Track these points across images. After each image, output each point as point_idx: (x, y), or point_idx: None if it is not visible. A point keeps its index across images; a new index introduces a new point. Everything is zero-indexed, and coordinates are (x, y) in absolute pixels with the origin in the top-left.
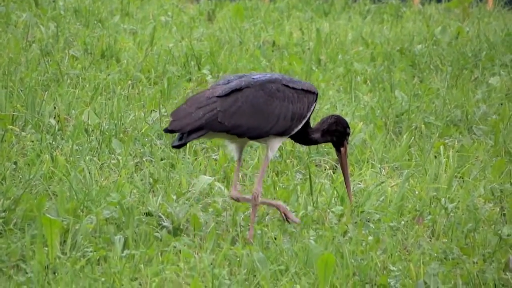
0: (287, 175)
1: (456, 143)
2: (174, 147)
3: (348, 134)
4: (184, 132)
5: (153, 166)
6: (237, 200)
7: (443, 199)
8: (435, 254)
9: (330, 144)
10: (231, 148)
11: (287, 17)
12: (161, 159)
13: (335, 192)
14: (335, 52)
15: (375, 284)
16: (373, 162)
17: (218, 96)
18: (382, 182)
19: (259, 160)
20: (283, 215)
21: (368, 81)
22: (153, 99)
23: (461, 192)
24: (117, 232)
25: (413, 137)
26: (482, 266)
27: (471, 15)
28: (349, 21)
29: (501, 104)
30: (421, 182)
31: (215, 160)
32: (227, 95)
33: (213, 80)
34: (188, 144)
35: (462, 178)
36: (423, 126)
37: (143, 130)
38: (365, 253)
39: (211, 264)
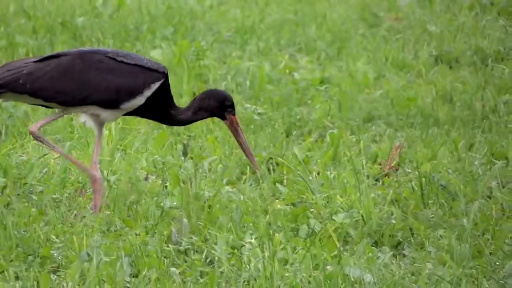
0: None
1: None
2: None
3: (227, 106)
4: None
5: None
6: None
7: (105, 171)
8: (98, 226)
9: None
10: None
11: None
12: None
13: None
14: None
15: (38, 256)
16: None
17: (33, 62)
18: (45, 154)
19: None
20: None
21: (31, 54)
22: None
23: (124, 164)
24: None
25: None
26: (144, 238)
27: None
28: None
29: None
30: (84, 154)
31: None
32: (41, 60)
33: None
34: None
35: (125, 151)
36: None
37: None
38: (28, 225)
39: None
